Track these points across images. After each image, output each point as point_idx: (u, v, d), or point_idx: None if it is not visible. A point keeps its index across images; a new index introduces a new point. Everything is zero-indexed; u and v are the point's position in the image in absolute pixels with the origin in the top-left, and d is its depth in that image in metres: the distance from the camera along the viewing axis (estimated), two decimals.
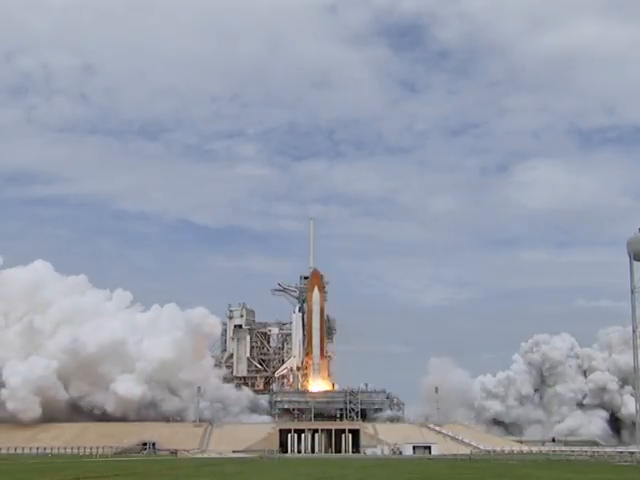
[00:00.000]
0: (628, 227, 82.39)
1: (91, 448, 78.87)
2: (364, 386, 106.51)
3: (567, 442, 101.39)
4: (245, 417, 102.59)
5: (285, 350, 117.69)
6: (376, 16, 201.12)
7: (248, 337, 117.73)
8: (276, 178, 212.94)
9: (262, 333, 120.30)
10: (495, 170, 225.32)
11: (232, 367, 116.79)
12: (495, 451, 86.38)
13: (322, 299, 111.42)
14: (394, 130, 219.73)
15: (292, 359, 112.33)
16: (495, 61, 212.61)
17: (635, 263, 76.10)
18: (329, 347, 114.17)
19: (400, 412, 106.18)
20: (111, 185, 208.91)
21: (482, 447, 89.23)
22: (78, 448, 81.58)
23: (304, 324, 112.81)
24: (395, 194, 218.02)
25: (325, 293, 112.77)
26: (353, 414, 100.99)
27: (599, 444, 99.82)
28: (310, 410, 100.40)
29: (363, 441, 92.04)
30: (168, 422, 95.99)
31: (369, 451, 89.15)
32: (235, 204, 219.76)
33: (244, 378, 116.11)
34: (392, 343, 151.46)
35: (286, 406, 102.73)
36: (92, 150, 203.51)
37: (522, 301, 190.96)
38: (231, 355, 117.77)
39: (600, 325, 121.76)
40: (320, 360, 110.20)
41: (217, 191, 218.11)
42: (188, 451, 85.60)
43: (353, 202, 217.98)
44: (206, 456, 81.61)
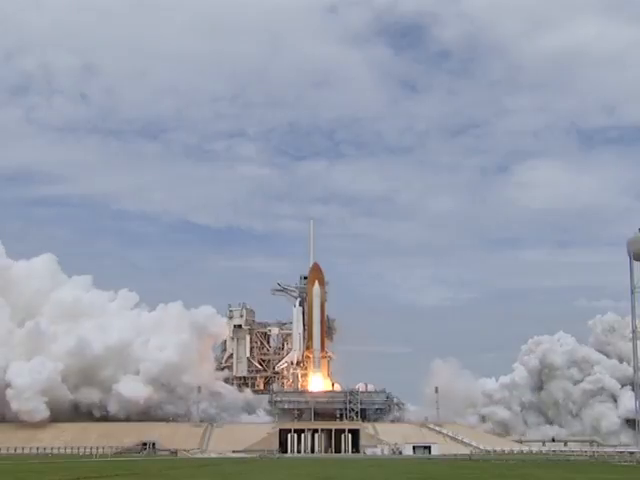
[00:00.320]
0: (628, 227, 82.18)
1: (91, 448, 78.85)
2: (364, 386, 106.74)
3: (567, 442, 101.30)
4: (245, 417, 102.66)
5: (285, 350, 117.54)
6: (376, 16, 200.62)
7: (248, 337, 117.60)
8: (276, 178, 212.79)
9: (262, 333, 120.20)
10: (495, 170, 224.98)
11: (232, 367, 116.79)
12: (495, 451, 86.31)
13: (323, 293, 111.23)
14: (394, 130, 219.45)
15: (292, 353, 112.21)
16: (495, 61, 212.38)
17: (635, 263, 75.92)
18: (329, 347, 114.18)
19: (400, 412, 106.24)
20: (111, 185, 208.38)
21: (482, 447, 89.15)
22: (78, 448, 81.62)
23: (304, 318, 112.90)
24: (395, 194, 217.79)
25: (326, 284, 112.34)
26: (353, 414, 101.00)
27: (599, 444, 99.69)
28: (310, 410, 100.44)
29: (363, 441, 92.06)
30: (168, 422, 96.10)
31: (369, 451, 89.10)
32: (235, 204, 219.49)
33: (244, 378, 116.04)
34: (392, 343, 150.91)
35: (286, 406, 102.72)
36: (92, 150, 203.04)
37: (522, 301, 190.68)
38: (231, 355, 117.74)
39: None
40: (321, 354, 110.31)
41: (217, 191, 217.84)
42: (188, 451, 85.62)
43: (353, 202, 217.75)
44: (206, 456, 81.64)
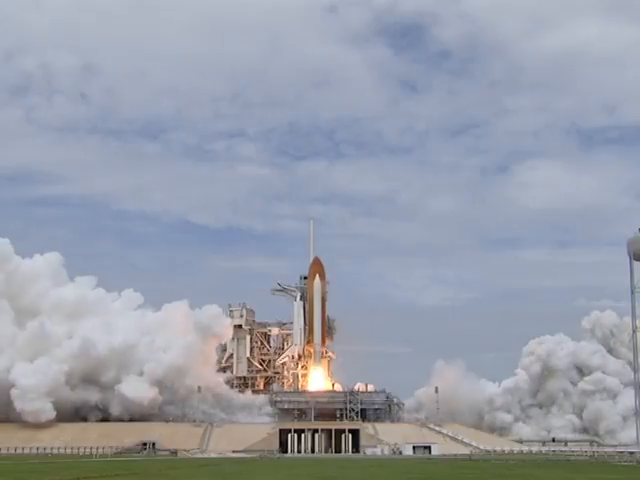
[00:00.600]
0: (628, 227, 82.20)
1: (91, 448, 78.73)
2: (364, 386, 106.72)
3: (567, 442, 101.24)
4: (245, 417, 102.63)
5: (285, 350, 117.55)
6: (376, 16, 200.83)
7: (248, 337, 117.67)
8: (276, 178, 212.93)
9: (262, 333, 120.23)
10: (495, 170, 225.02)
11: (232, 367, 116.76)
12: (495, 451, 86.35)
13: (323, 287, 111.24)
14: (394, 130, 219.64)
15: (293, 347, 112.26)
16: (495, 61, 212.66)
17: (635, 263, 75.99)
18: (329, 347, 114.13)
19: (400, 412, 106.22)
20: (111, 185, 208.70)
21: (482, 447, 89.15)
22: (78, 448, 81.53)
23: (305, 313, 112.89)
24: (395, 194, 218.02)
25: (327, 284, 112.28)
26: (353, 414, 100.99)
27: (599, 444, 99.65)
28: (310, 410, 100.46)
29: (363, 441, 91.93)
30: (168, 422, 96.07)
31: (369, 451, 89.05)
32: (235, 204, 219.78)
33: (244, 378, 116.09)
34: (392, 343, 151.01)
35: (286, 406, 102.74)
36: (92, 150, 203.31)
37: (522, 301, 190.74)
38: (231, 355, 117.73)
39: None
40: (321, 348, 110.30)
41: (217, 191, 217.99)
42: (188, 451, 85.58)
43: (353, 202, 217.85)
44: (206, 456, 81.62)
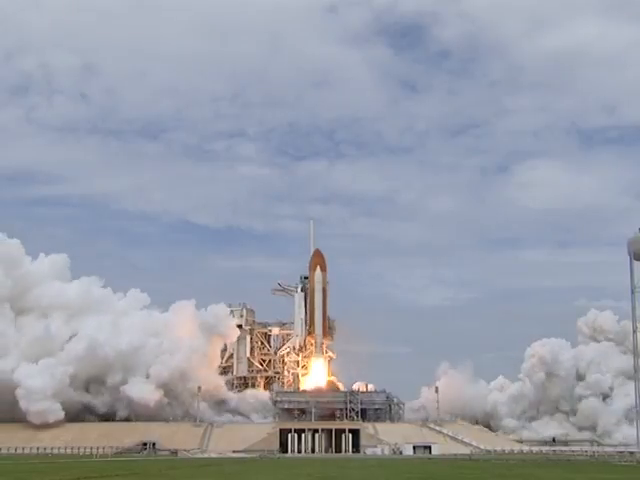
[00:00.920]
0: (628, 227, 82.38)
1: (91, 448, 78.57)
2: (364, 386, 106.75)
3: (567, 442, 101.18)
4: (245, 417, 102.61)
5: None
6: (376, 16, 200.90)
7: (248, 337, 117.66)
8: (276, 178, 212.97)
9: (262, 333, 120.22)
10: (495, 170, 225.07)
11: (232, 367, 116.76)
12: (495, 451, 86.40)
13: (324, 279, 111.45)
14: (394, 130, 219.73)
15: (294, 338, 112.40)
16: (495, 61, 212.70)
17: (635, 263, 76.14)
18: (329, 347, 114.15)
19: (400, 412, 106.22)
20: (111, 185, 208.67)
21: (482, 447, 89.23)
22: (78, 448, 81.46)
23: (306, 305, 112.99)
24: (395, 194, 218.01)
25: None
26: (353, 414, 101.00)
27: (599, 444, 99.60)
28: (310, 410, 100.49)
29: (363, 441, 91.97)
30: (168, 422, 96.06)
31: (369, 451, 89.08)
32: (235, 204, 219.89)
33: (244, 378, 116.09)
34: (392, 343, 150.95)
35: (286, 406, 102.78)
36: (92, 150, 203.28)
37: (522, 301, 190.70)
38: (231, 355, 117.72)
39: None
40: (323, 339, 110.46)
41: (217, 191, 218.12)
42: (188, 451, 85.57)
43: (353, 202, 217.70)
44: (206, 456, 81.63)
